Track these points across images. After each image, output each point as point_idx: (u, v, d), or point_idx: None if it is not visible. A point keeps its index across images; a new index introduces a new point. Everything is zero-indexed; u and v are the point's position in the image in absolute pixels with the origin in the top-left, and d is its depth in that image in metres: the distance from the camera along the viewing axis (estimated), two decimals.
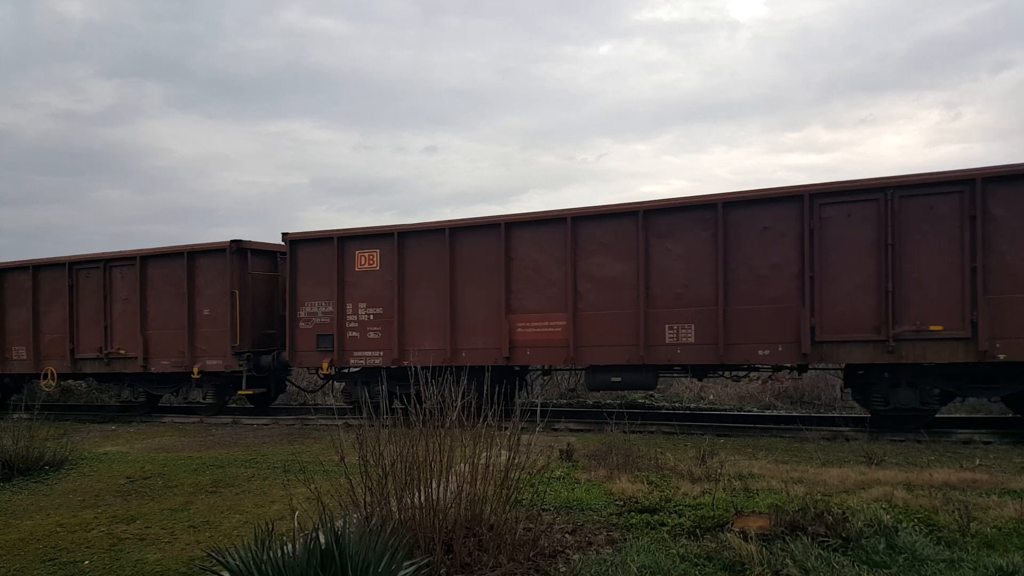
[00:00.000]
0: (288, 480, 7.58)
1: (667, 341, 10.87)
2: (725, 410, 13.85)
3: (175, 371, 14.76)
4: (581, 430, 10.36)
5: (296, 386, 16.21)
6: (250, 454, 10.02)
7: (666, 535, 5.02)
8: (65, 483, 8.50)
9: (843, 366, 10.81)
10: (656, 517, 5.43)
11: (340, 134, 60.92)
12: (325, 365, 13.35)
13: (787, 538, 4.67)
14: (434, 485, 4.68)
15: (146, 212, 57.96)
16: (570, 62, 55.97)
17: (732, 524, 5.04)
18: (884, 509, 5.32)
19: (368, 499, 4.56)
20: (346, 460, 4.83)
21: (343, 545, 3.65)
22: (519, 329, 11.79)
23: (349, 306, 13.25)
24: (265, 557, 3.85)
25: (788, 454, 8.80)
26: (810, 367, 11.01)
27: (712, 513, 5.35)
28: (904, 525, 4.95)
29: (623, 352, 11.04)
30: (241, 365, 14.07)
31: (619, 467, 6.91)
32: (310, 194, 60.50)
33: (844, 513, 5.00)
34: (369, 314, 13.08)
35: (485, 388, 5.76)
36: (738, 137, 52.66)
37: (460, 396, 4.96)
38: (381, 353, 12.97)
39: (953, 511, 5.23)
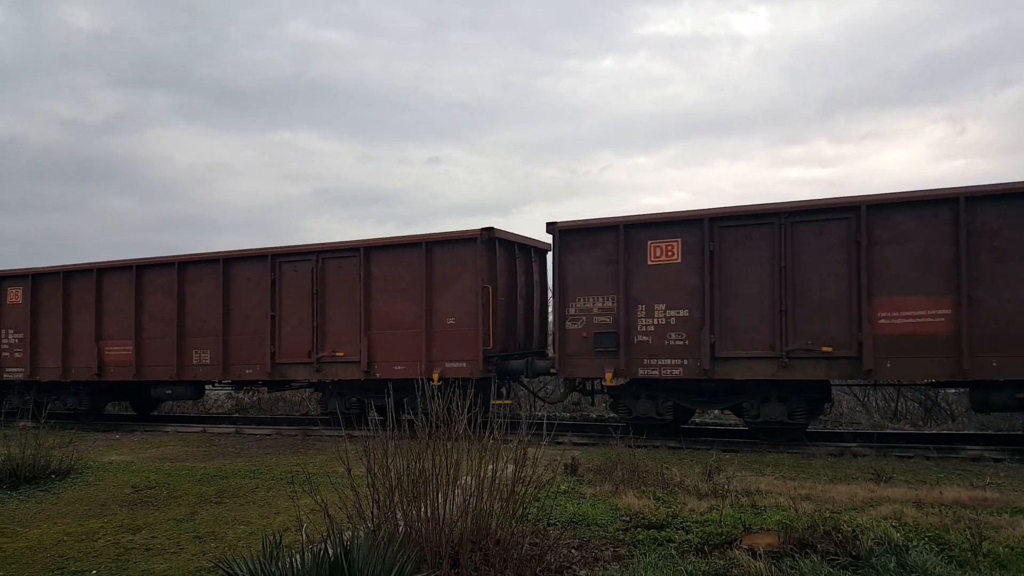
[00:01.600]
0: (293, 492, 7.57)
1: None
2: (730, 425, 13.77)
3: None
4: (585, 444, 10.30)
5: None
6: (254, 465, 10.02)
7: (674, 552, 4.98)
8: (71, 492, 8.51)
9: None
10: (663, 533, 5.39)
11: (343, 145, 61.44)
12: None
13: (796, 556, 4.63)
14: (440, 499, 4.66)
15: (147, 221, 58.40)
16: (573, 76, 56.43)
17: (740, 541, 5.00)
18: (894, 527, 5.28)
19: (375, 512, 4.54)
20: (352, 472, 4.82)
21: (352, 558, 3.65)
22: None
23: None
24: (273, 568, 3.85)
25: (795, 470, 8.74)
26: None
27: (720, 530, 5.31)
28: (915, 544, 4.90)
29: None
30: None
31: (625, 482, 6.87)
32: (312, 204, 60.97)
33: (854, 531, 4.96)
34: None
35: None
36: (740, 151, 52.90)
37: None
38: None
39: (964, 530, 5.18)
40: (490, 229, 12.47)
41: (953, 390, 13.46)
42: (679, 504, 6.12)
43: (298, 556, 3.99)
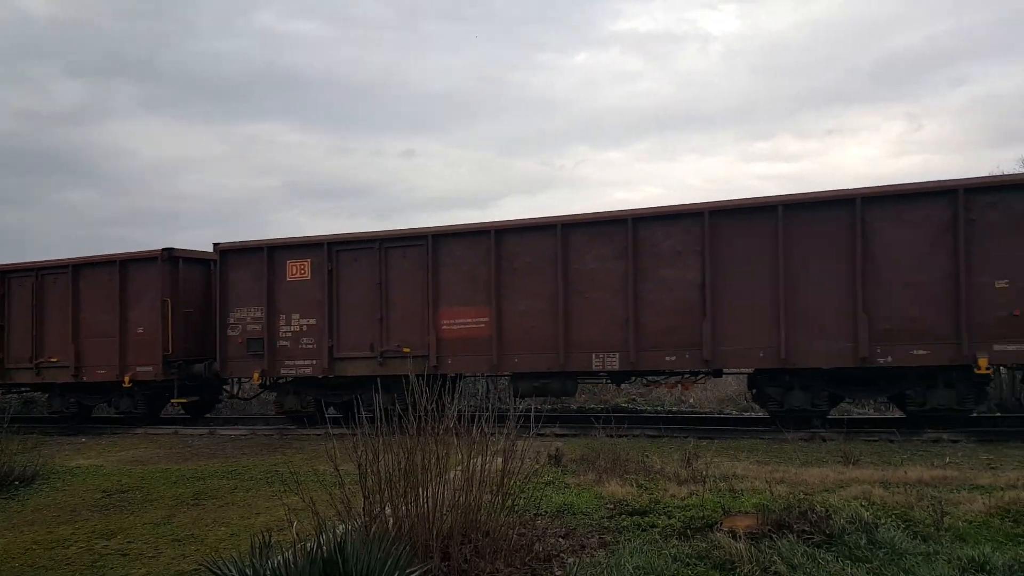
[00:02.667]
0: (275, 491, 7.54)
1: None
2: (706, 413, 14.09)
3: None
4: (567, 435, 10.44)
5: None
6: (231, 465, 9.92)
7: (657, 536, 5.12)
8: (38, 498, 8.33)
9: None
10: (647, 519, 5.53)
11: (315, 137, 60.46)
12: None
13: (774, 536, 4.81)
14: (430, 492, 4.72)
15: (110, 215, 56.85)
16: (548, 70, 56.45)
17: (721, 524, 5.16)
18: (863, 506, 5.50)
19: (366, 507, 4.58)
20: (340, 469, 4.85)
21: (346, 553, 3.68)
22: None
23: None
24: (265, 567, 3.86)
25: (769, 455, 9.00)
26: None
27: (701, 514, 5.47)
28: (883, 521, 5.12)
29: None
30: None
31: (607, 471, 7.01)
32: (283, 197, 59.92)
33: (827, 511, 5.15)
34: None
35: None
36: (710, 146, 53.65)
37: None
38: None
39: (927, 507, 5.42)
40: (170, 249, 14.50)
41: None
42: (661, 490, 6.27)
43: (290, 553, 4.01)
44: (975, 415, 10.97)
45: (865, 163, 48.72)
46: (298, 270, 13.46)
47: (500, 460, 4.95)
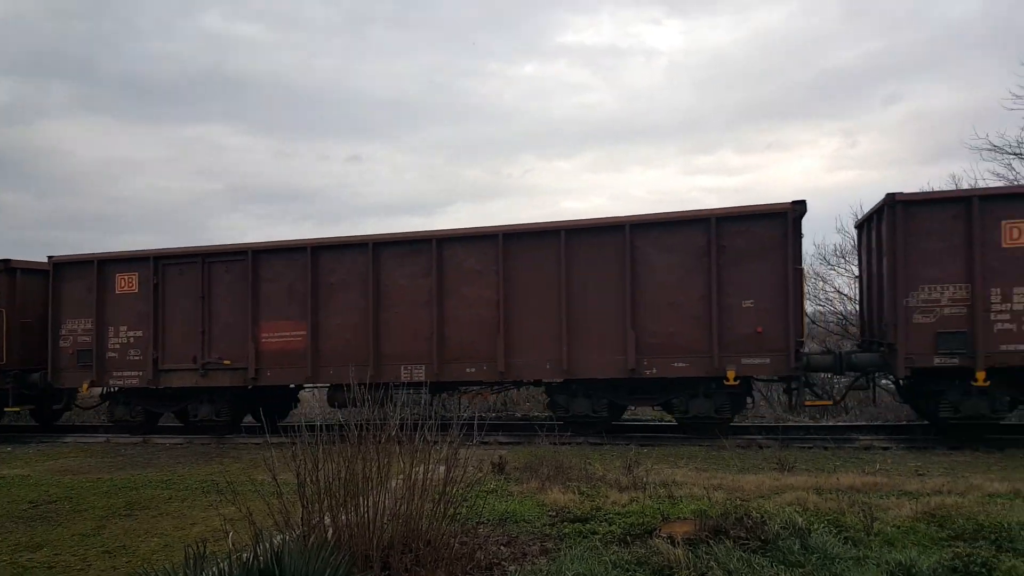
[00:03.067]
0: (211, 501, 7.33)
1: None
2: (647, 421, 14.31)
3: None
4: (511, 443, 10.51)
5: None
6: (165, 475, 9.61)
7: (598, 543, 5.18)
8: None
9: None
10: (588, 526, 5.58)
11: (260, 140, 59.25)
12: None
13: (711, 542, 4.90)
14: (370, 502, 4.67)
15: (44, 217, 54.54)
16: (497, 78, 56.63)
17: (660, 530, 5.25)
18: (797, 512, 5.66)
19: (304, 517, 4.50)
20: (279, 479, 4.75)
21: (284, 563, 3.62)
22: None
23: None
24: None
25: (707, 462, 9.19)
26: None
27: (640, 520, 5.55)
28: (816, 527, 5.28)
29: None
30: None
31: (550, 478, 7.05)
32: (225, 201, 58.48)
33: (762, 517, 5.29)
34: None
35: None
36: (655, 158, 54.67)
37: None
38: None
39: (858, 512, 5.62)
40: (7, 260, 14.56)
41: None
42: (602, 497, 6.34)
43: (225, 564, 3.91)
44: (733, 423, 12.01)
45: (803, 177, 50.50)
46: (126, 283, 13.79)
47: (442, 468, 4.93)
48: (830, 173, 49.90)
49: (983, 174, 21.37)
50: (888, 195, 10.36)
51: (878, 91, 46.32)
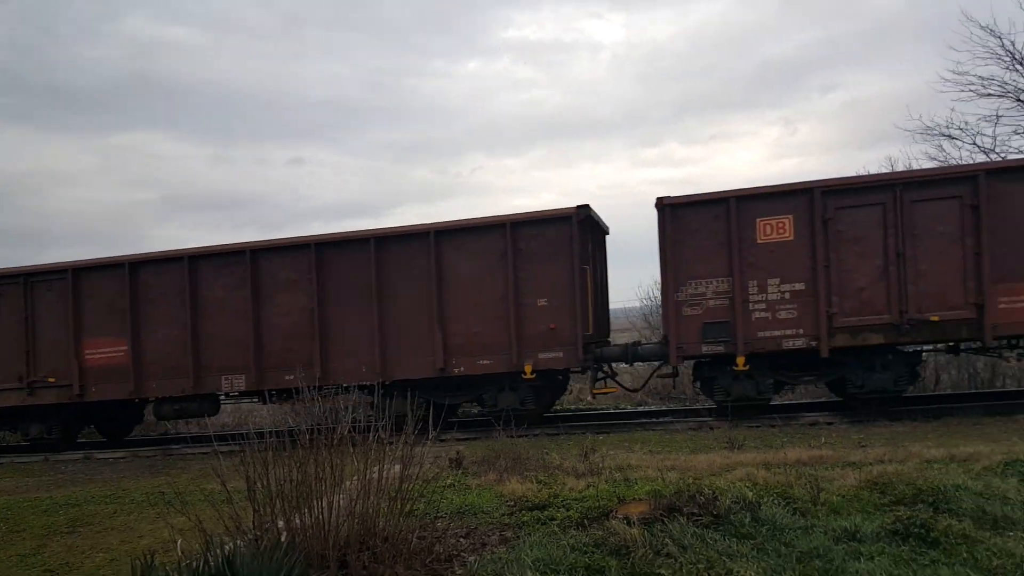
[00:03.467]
0: (159, 513, 7.09)
1: None
2: (603, 409, 14.50)
3: None
4: (469, 439, 10.55)
5: None
6: (110, 490, 9.27)
7: (556, 529, 5.22)
8: None
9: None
10: (546, 513, 5.62)
11: (195, 147, 57.68)
12: None
13: (666, 520, 5.00)
14: (325, 502, 4.60)
15: None
16: (440, 77, 56.71)
17: (616, 512, 5.32)
18: (747, 487, 5.81)
19: (256, 522, 4.40)
20: (229, 487, 4.63)
21: (236, 567, 3.53)
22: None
23: None
24: None
25: (661, 445, 9.36)
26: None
27: (597, 504, 5.61)
28: (765, 500, 5.43)
29: None
30: None
31: (508, 470, 7.06)
32: (161, 211, 56.47)
33: (714, 493, 5.41)
34: None
35: None
36: (603, 153, 55.57)
37: None
38: None
39: (805, 484, 5.80)
40: None
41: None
42: (559, 485, 6.39)
43: (175, 573, 3.80)
44: (548, 414, 13.00)
45: (748, 166, 52.13)
46: None
47: (398, 467, 4.89)
48: (772, 161, 51.69)
49: (917, 156, 22.16)
50: (657, 199, 11.11)
51: (815, 81, 48.10)
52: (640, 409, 14.08)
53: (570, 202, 12.26)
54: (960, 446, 7.49)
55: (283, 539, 4.48)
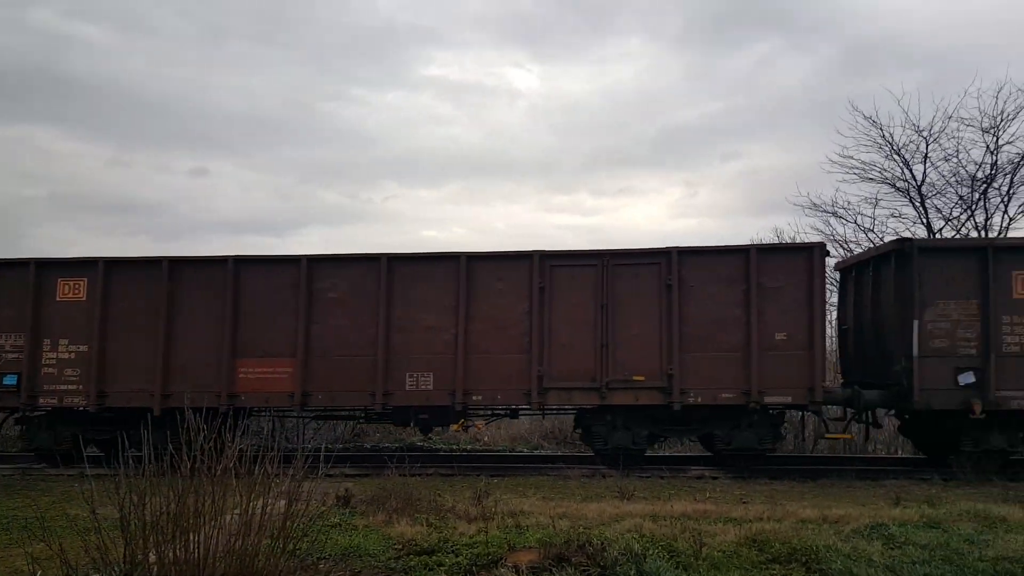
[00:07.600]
0: (13, 538, 6.49)
1: None
2: (499, 451, 14.46)
3: None
4: (359, 475, 10.21)
5: None
6: None
7: (444, 575, 5.14)
8: None
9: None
10: (434, 558, 5.53)
11: (91, 147, 53.89)
12: None
13: (554, 570, 5.03)
14: (202, 537, 4.36)
15: None
16: (360, 104, 55.56)
17: (505, 559, 5.30)
18: (635, 539, 5.94)
19: (127, 555, 4.11)
20: (99, 513, 4.32)
21: None
22: None
23: None
24: None
25: (554, 491, 9.42)
26: None
27: (487, 551, 5.57)
28: (651, 552, 5.56)
29: None
30: None
31: (398, 511, 6.90)
32: (49, 210, 52.49)
33: (602, 544, 5.50)
34: None
35: None
36: (516, 194, 55.90)
37: None
38: None
39: (689, 538, 5.98)
40: None
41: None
42: (450, 529, 6.30)
43: None
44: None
45: (651, 222, 53.82)
46: None
47: (283, 502, 4.71)
48: (674, 220, 53.58)
49: (805, 228, 23.84)
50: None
51: (718, 148, 50.63)
52: (536, 453, 14.15)
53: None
54: (833, 507, 7.87)
55: (155, 574, 4.21)
